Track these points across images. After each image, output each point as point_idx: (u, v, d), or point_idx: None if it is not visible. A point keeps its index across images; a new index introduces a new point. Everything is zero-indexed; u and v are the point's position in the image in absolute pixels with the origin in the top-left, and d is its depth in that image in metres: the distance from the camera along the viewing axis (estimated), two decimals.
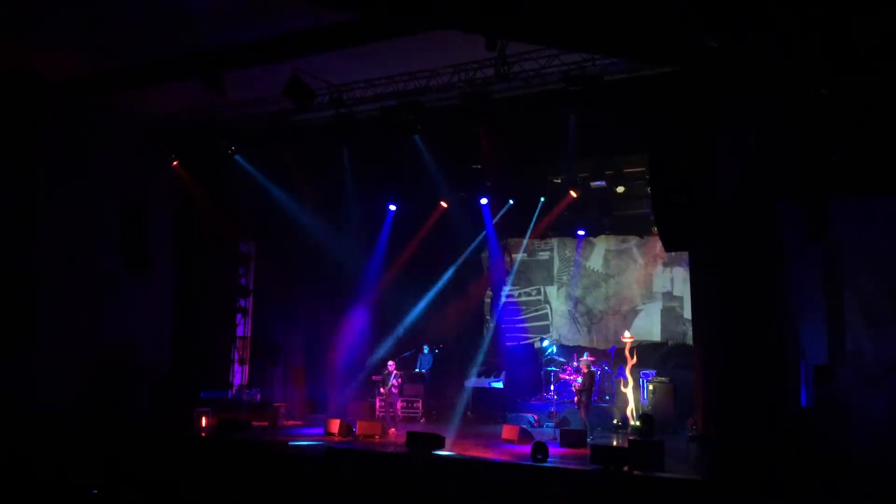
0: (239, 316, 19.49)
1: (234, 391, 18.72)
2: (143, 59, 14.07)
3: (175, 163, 16.98)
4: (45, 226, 15.19)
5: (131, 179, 16.76)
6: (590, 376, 15.55)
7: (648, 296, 19.34)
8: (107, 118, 16.33)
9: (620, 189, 16.91)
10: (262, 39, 12.97)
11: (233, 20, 12.35)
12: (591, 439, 14.44)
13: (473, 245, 20.47)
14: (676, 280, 18.97)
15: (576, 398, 15.55)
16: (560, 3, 9.29)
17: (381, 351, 19.14)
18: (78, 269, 15.74)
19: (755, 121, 9.93)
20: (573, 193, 17.47)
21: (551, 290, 20.78)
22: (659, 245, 17.14)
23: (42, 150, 15.16)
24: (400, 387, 16.71)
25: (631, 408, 16.51)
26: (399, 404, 16.99)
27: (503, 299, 21.17)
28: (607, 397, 17.58)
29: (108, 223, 16.33)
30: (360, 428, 15.25)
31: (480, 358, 20.22)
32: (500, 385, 18.83)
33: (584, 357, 17.13)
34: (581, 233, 19.89)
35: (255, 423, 16.02)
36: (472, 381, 19.19)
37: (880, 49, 7.00)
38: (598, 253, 20.10)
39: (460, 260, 20.25)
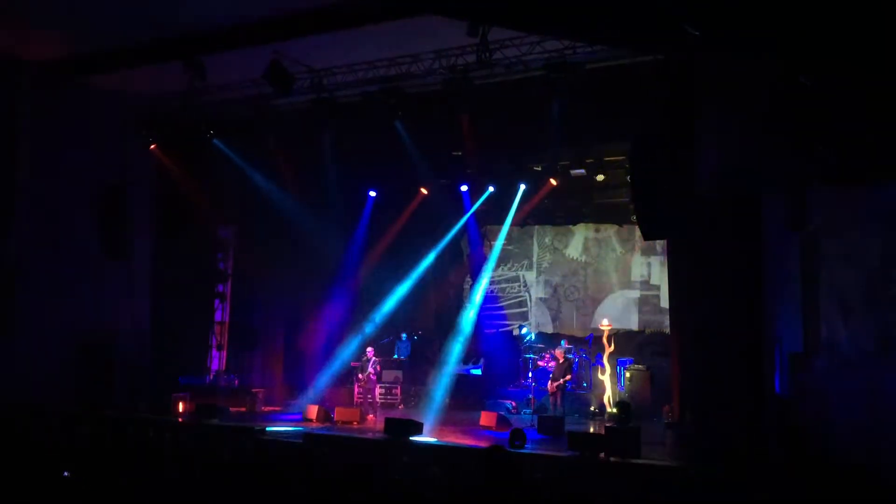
0: (217, 301, 19.38)
1: (211, 376, 18.64)
2: (123, 42, 13.92)
3: (153, 146, 16.80)
4: (23, 212, 15.01)
5: (110, 163, 16.56)
6: (567, 365, 15.63)
7: (626, 284, 19.43)
8: (86, 101, 16.09)
9: (600, 177, 16.91)
10: (243, 23, 12.88)
11: (214, 3, 12.25)
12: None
13: (453, 232, 20.49)
14: (654, 269, 19.06)
15: (549, 385, 15.63)
16: None
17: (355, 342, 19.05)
18: (56, 256, 15.56)
19: (739, 110, 9.96)
20: (553, 181, 17.47)
21: (530, 278, 20.84)
22: (637, 233, 17.22)
23: (20, 134, 14.96)
24: (378, 373, 16.73)
25: (608, 395, 16.64)
26: (377, 390, 17.01)
27: (482, 286, 21.20)
28: (584, 384, 17.68)
29: (86, 208, 16.16)
30: (338, 414, 15.27)
31: (459, 345, 20.24)
32: (478, 372, 18.90)
33: (563, 344, 17.24)
34: (560, 221, 19.95)
35: (232, 409, 16.00)
36: (450, 368, 19.24)
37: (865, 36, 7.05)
38: (578, 241, 20.17)
39: (439, 246, 20.21)
